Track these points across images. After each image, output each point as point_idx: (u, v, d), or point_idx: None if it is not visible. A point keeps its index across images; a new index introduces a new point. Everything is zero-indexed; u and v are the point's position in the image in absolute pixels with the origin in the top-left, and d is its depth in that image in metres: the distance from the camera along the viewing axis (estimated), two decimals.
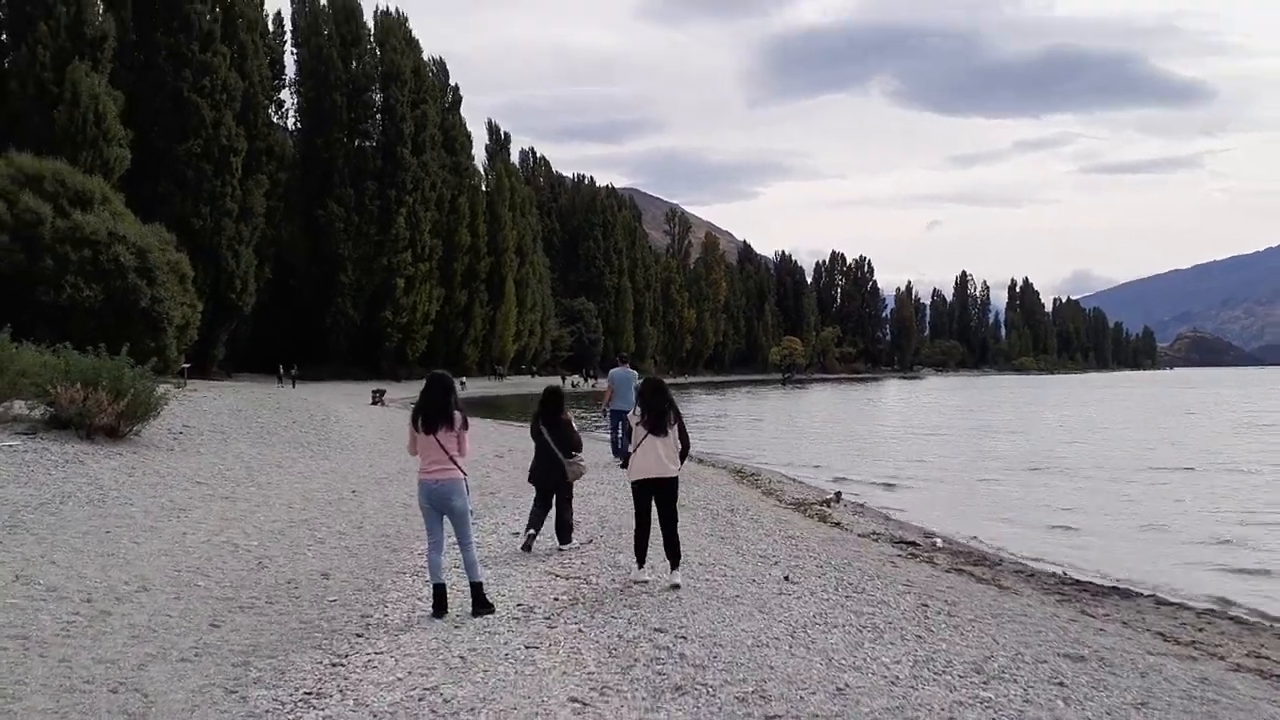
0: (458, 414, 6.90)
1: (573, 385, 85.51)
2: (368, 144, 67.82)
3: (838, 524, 13.01)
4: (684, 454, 8.17)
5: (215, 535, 8.27)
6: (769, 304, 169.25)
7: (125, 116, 45.70)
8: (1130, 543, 13.42)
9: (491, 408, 49.99)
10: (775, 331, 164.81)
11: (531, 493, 12.29)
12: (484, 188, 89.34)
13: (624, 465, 8.74)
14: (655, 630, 6.42)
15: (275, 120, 67.08)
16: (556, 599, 7.25)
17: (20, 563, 6.54)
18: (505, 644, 5.93)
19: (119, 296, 37.40)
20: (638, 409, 8.24)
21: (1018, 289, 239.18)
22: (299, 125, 69.33)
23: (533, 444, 9.42)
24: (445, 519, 6.85)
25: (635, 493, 8.10)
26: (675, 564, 7.82)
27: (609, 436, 16.89)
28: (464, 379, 75.76)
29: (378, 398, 41.42)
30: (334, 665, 5.30)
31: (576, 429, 9.69)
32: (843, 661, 5.91)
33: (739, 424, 41.91)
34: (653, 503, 7.97)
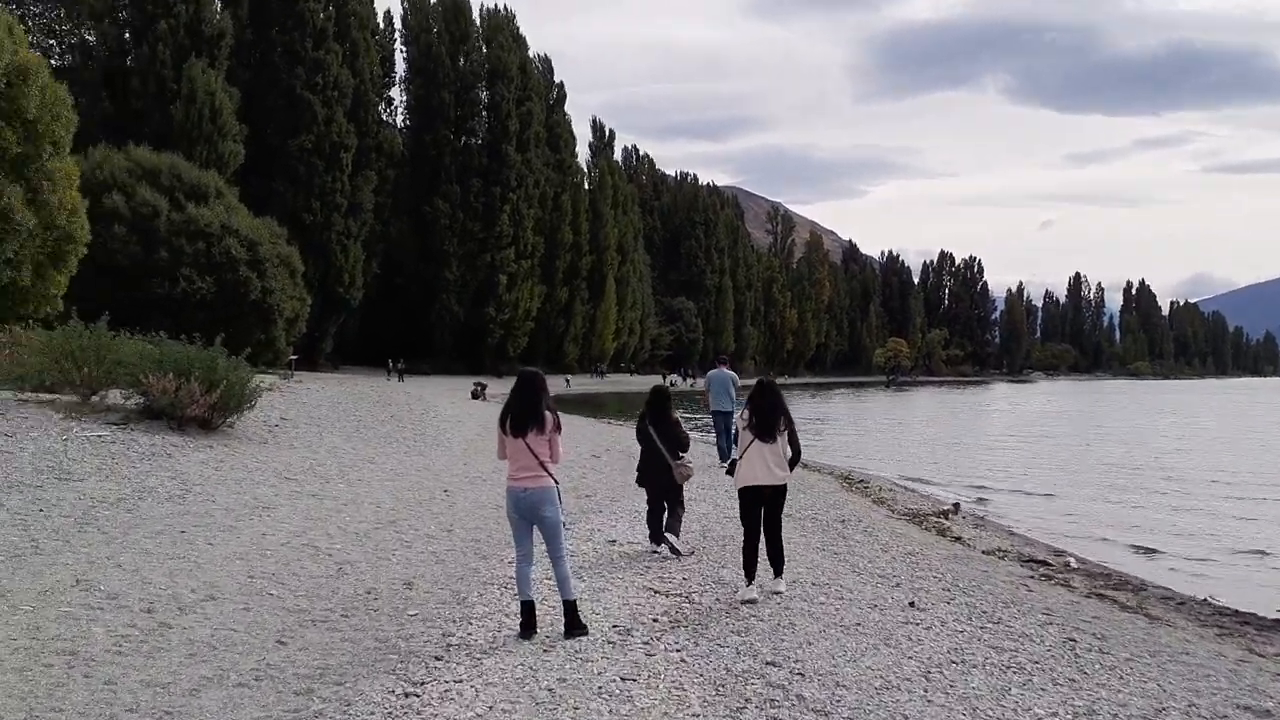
0: (549, 415, 6.24)
1: (671, 384, 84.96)
2: (474, 141, 68.47)
3: (958, 539, 11.98)
4: (794, 461, 7.66)
5: (296, 537, 7.83)
6: (874, 305, 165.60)
7: (240, 113, 46.97)
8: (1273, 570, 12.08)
9: (591, 406, 49.77)
10: (880, 333, 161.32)
11: (629, 499, 11.82)
12: (587, 185, 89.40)
13: (729, 471, 8.04)
14: (768, 664, 5.65)
15: (385, 117, 68.32)
16: (656, 620, 6.54)
17: (84, 565, 6.17)
18: (599, 674, 5.24)
19: (230, 288, 38.30)
20: (745, 412, 7.75)
21: (1134, 291, 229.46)
22: (408, 123, 70.44)
23: (631, 445, 8.88)
24: (535, 529, 6.22)
25: (742, 502, 7.62)
26: (779, 570, 7.58)
27: (716, 441, 16.41)
28: (568, 377, 75.94)
29: (478, 392, 41.48)
30: (407, 696, 4.70)
31: (685, 429, 9.20)
32: (989, 713, 5.03)
33: (842, 427, 40.63)
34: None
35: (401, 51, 69.57)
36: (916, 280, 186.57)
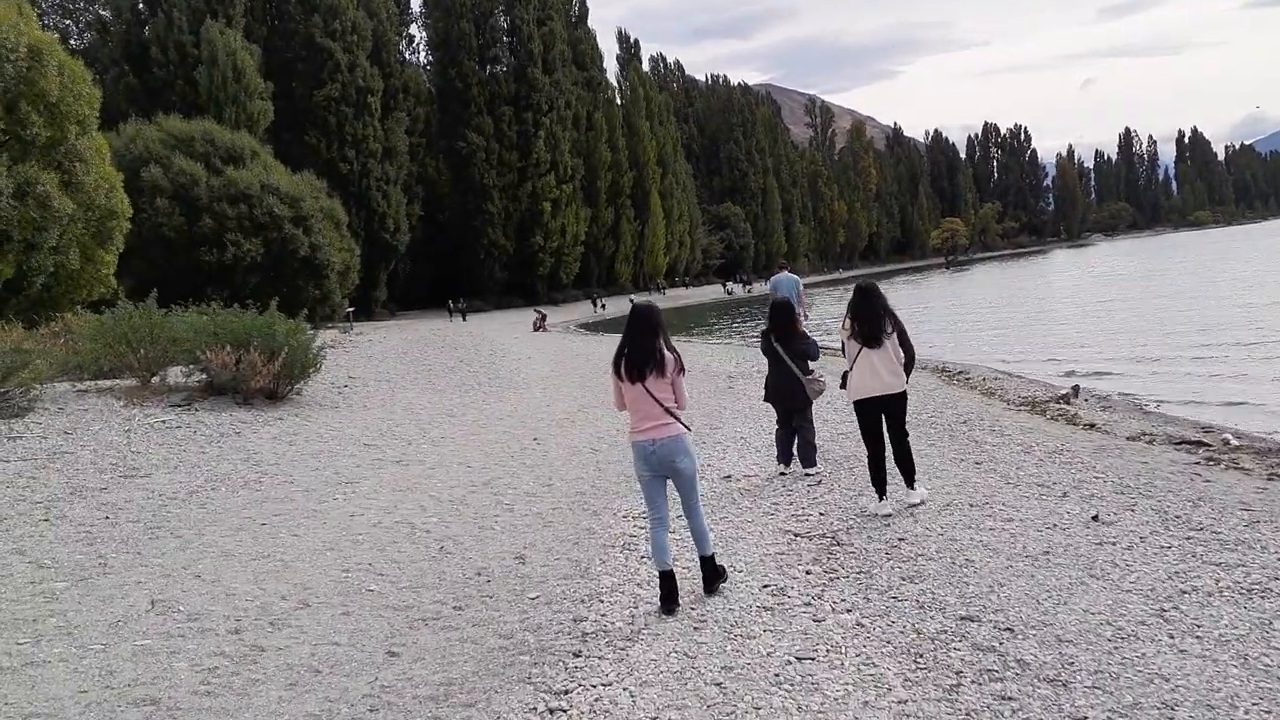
0: (669, 355, 5.33)
1: (728, 293, 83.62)
2: (499, 69, 66.59)
3: (1092, 425, 10.88)
4: (909, 365, 7.04)
5: (388, 514, 7.06)
6: (922, 187, 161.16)
7: (263, 69, 45.93)
8: None
9: None
10: (931, 215, 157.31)
11: (728, 425, 10.96)
12: (619, 100, 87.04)
13: (842, 385, 7.31)
14: (962, 618, 4.74)
15: (407, 56, 66.80)
16: (809, 571, 5.65)
17: (159, 579, 5.44)
18: (768, 655, 4.38)
19: (278, 248, 37.80)
20: (847, 320, 7.10)
21: (1186, 140, 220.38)
22: (430, 59, 68.77)
23: (709, 364, 8.12)
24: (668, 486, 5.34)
25: (860, 415, 7.06)
26: (910, 480, 7.09)
27: None
28: (632, 297, 74.80)
29: (539, 324, 40.84)
30: (552, 713, 3.88)
31: (811, 339, 8.60)
32: (1270, 664, 4.07)
33: (913, 316, 39.08)
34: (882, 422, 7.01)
35: None
36: (963, 156, 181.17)
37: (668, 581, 5.15)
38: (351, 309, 42.04)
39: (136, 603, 5.06)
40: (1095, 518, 6.45)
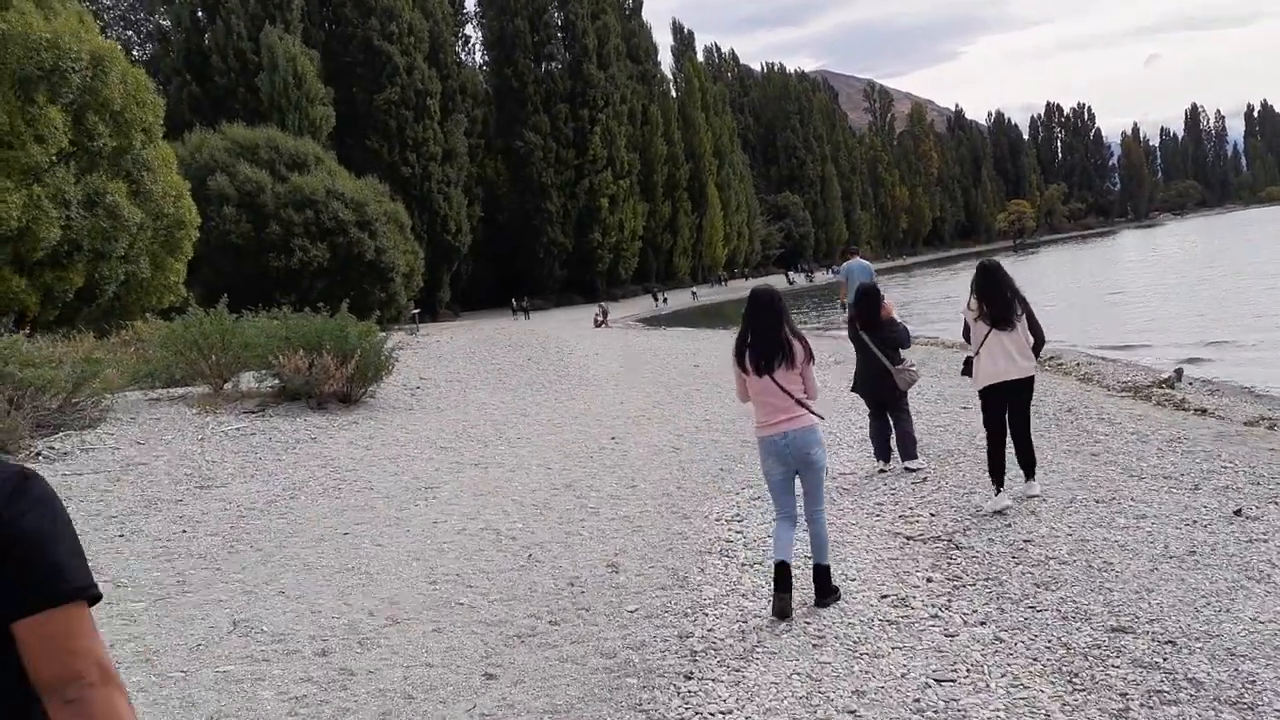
0: (797, 344, 4.97)
1: (790, 283, 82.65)
2: (555, 66, 66.51)
3: (1203, 410, 10.19)
4: (1039, 347, 6.65)
5: (471, 520, 6.76)
6: (985, 169, 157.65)
7: (323, 74, 46.37)
8: None
9: (713, 316, 48.31)
10: (996, 198, 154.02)
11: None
12: (673, 93, 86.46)
13: (965, 371, 6.99)
14: (1114, 630, 4.26)
15: (464, 56, 67.07)
16: (930, 579, 5.20)
17: (241, 598, 5.18)
18: (902, 677, 3.96)
19: (344, 252, 38.15)
20: (973, 300, 6.64)
21: (1255, 115, 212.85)
22: (486, 58, 68.99)
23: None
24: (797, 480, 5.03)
25: (986, 403, 6.64)
26: (1030, 472, 6.70)
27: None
28: (694, 289, 74.36)
29: (600, 319, 40.63)
30: None
31: (902, 324, 8.09)
32: None
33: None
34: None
35: None
36: (1026, 138, 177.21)
37: (783, 574, 4.76)
38: (417, 310, 42.31)
39: (218, 623, 4.81)
40: (1238, 512, 5.89)
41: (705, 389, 13.66)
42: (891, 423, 7.87)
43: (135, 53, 51.73)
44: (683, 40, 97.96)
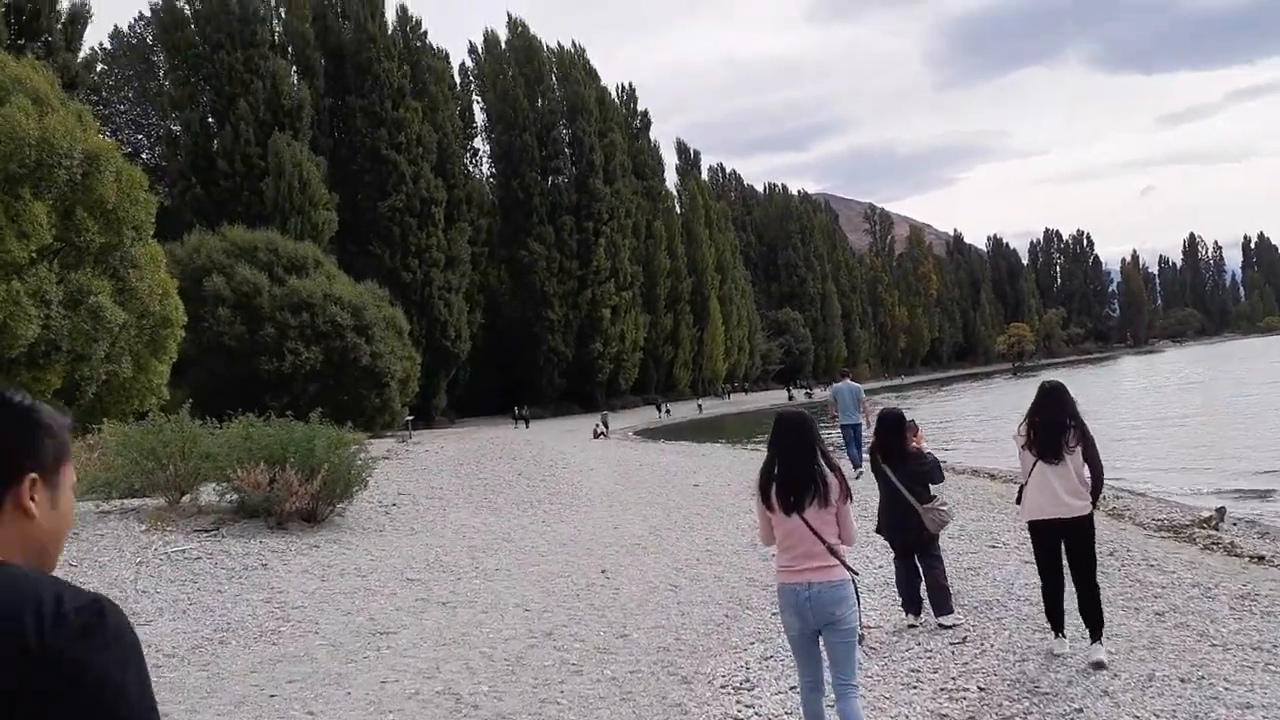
0: (832, 477, 4.19)
1: (789, 399, 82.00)
2: (561, 179, 67.40)
3: (1260, 558, 9.18)
4: (1097, 486, 5.80)
5: (427, 680, 5.65)
6: (984, 292, 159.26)
7: (329, 180, 46.68)
8: None
9: (712, 430, 47.34)
10: (994, 321, 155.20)
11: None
12: (678, 209, 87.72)
13: (1018, 500, 6.16)
14: None
15: (471, 168, 68.02)
16: None
17: None
18: None
19: (339, 356, 37.51)
20: (1023, 427, 5.87)
21: (1253, 245, 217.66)
22: (493, 170, 69.97)
23: None
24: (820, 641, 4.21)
25: (1034, 540, 6.02)
26: (1097, 633, 5.75)
27: (845, 453, 16.28)
28: (700, 402, 73.67)
29: (599, 431, 39.69)
30: None
31: (931, 456, 7.16)
32: None
33: (980, 424, 37.15)
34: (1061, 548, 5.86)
35: (478, 102, 69.35)
36: (1025, 263, 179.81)
37: None
38: (411, 417, 41.38)
39: None
40: None
41: (706, 512, 12.63)
42: (920, 570, 6.86)
43: (144, 156, 52.25)
44: (688, 159, 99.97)
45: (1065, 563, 5.87)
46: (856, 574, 4.35)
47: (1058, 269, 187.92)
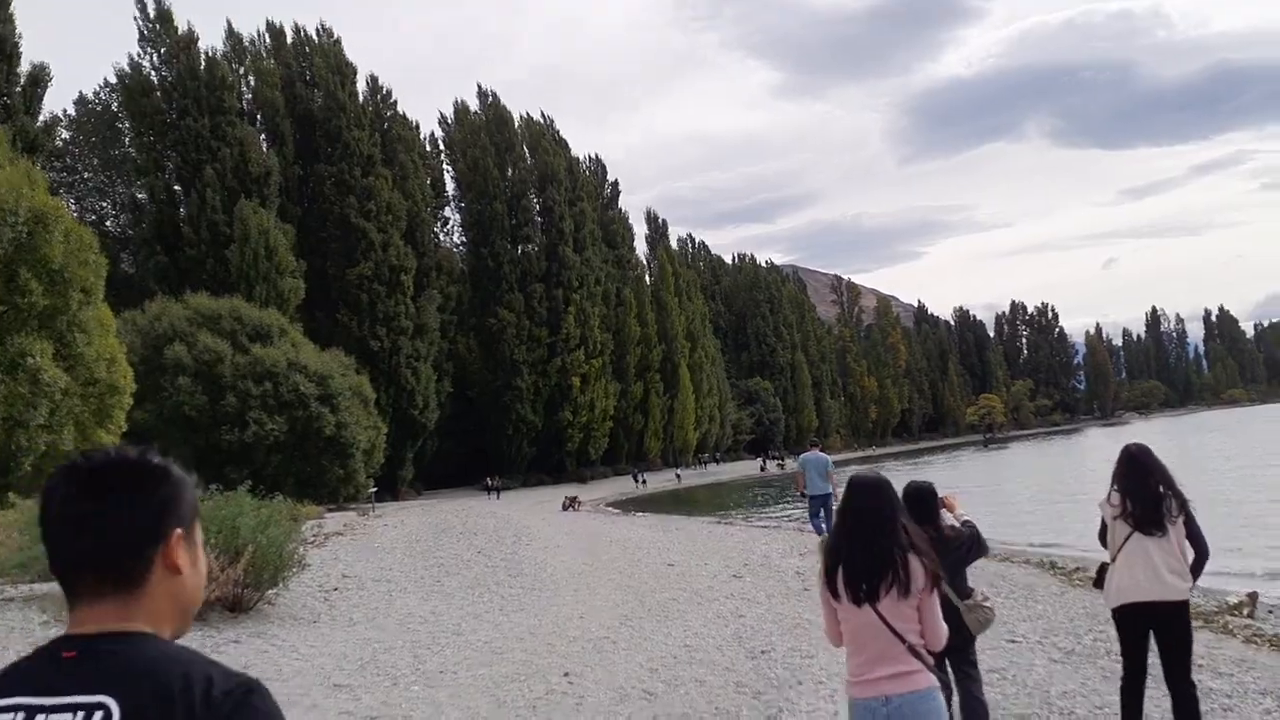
0: (915, 562, 3.44)
1: (761, 469, 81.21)
2: (531, 247, 67.25)
3: None
4: (1199, 564, 5.10)
5: None
6: (952, 364, 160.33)
7: (296, 248, 46.03)
8: None
9: (682, 502, 46.39)
10: (962, 392, 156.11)
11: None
12: (648, 277, 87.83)
13: (1096, 583, 5.54)
14: None
15: (441, 236, 67.75)
16: None
17: None
18: None
19: (302, 426, 36.43)
20: (1115, 495, 5.16)
21: (1213, 318, 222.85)
22: (464, 238, 69.78)
23: (771, 556, 6.00)
24: None
25: (1121, 628, 5.23)
26: None
27: (810, 523, 16.63)
28: (679, 471, 72.58)
29: (569, 504, 38.63)
30: None
31: (970, 531, 5.59)
32: None
33: (967, 497, 36.48)
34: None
35: (449, 170, 69.42)
36: (991, 334, 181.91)
37: None
38: (374, 489, 40.17)
39: None
40: None
41: (683, 598, 11.74)
42: (952, 680, 5.41)
43: (109, 224, 51.40)
44: (657, 229, 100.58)
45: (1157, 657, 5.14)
46: (944, 679, 3.56)
47: (1024, 340, 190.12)
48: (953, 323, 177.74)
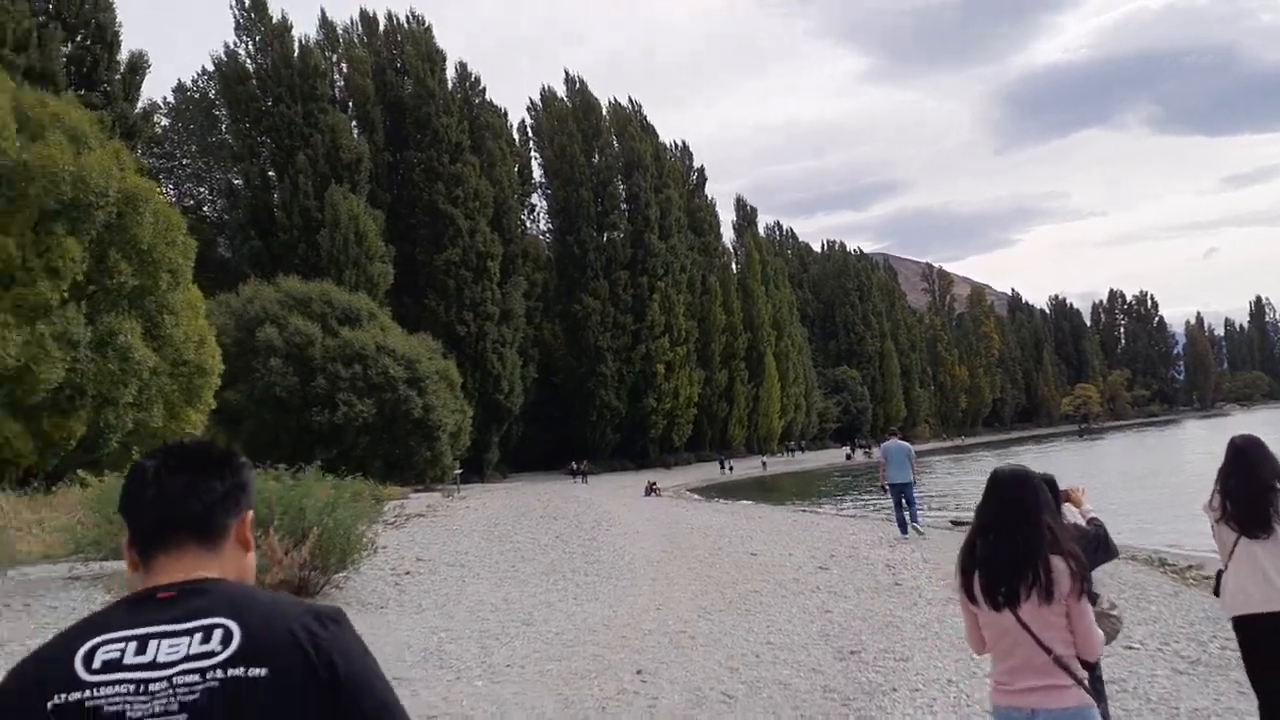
0: (1061, 563, 3.01)
1: (846, 457, 79.78)
2: (616, 234, 67.00)
3: None
4: None
5: None
6: (1047, 352, 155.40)
7: (385, 233, 46.58)
8: None
9: (768, 489, 45.62)
10: (1057, 382, 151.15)
11: (925, 656, 7.57)
12: (734, 265, 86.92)
13: (1215, 590, 4.78)
14: None
15: (527, 224, 68.05)
16: None
17: None
18: None
19: (390, 409, 36.87)
20: (1216, 494, 4.51)
21: None
22: (550, 225, 69.99)
23: (855, 540, 5.22)
24: None
25: (1243, 640, 4.54)
26: None
27: (894, 515, 16.38)
28: (764, 459, 71.90)
29: (651, 489, 38.31)
30: None
31: (1096, 529, 4.72)
32: None
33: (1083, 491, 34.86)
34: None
35: (535, 158, 69.63)
36: (1088, 323, 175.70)
37: None
38: (460, 471, 40.49)
39: None
40: None
41: (765, 590, 11.16)
42: None
43: (206, 209, 52.86)
44: (745, 215, 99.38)
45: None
46: (1100, 698, 3.17)
47: (1121, 330, 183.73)
48: (1048, 311, 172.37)
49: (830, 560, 13.42)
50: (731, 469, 61.88)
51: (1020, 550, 3.03)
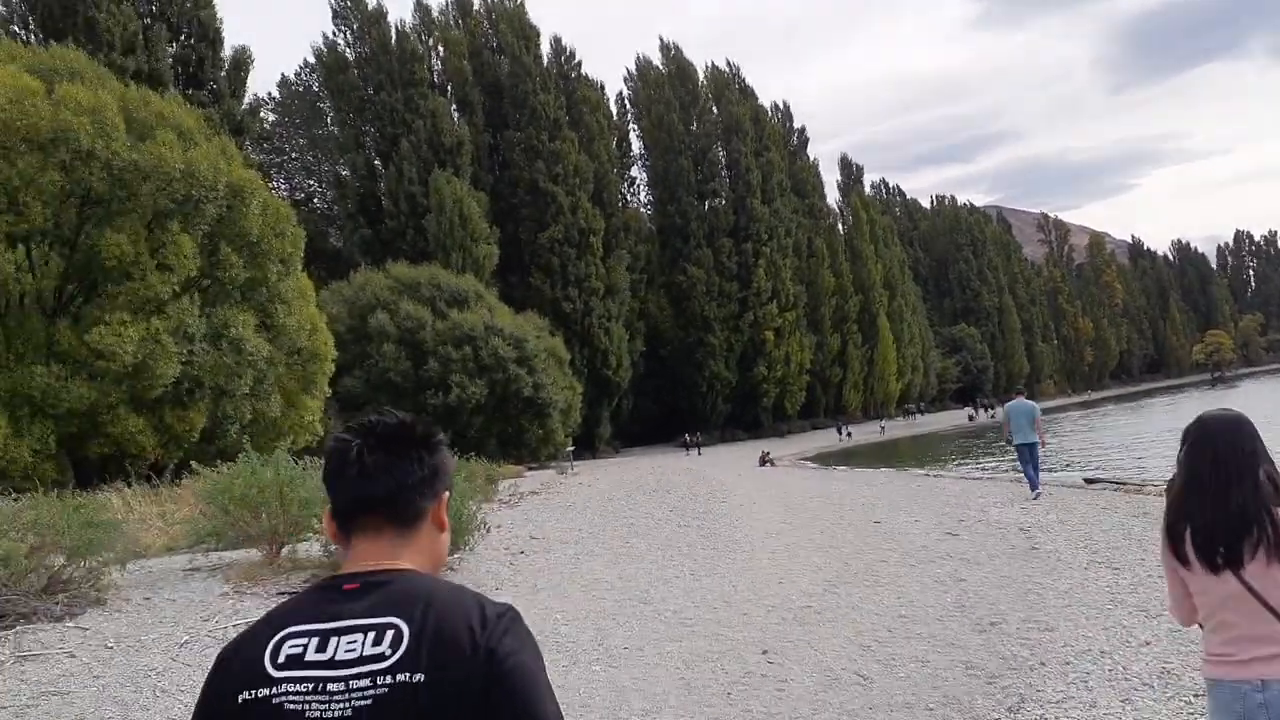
0: None
1: (969, 419, 77.29)
2: (718, 201, 66.03)
3: None
4: None
5: None
6: (1173, 300, 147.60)
7: (489, 214, 46.93)
8: None
9: (888, 454, 44.37)
10: (1185, 329, 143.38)
11: (1099, 626, 6.77)
12: (840, 226, 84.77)
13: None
14: None
15: (628, 196, 67.67)
16: None
17: None
18: None
19: (501, 388, 37.25)
20: None
21: None
22: (650, 196, 69.45)
23: (985, 504, 4.63)
24: None
25: None
26: None
27: (1024, 471, 16.00)
28: (883, 423, 70.38)
29: (765, 459, 37.66)
30: None
31: None
32: None
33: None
34: None
35: (634, 129, 69.05)
36: (1214, 267, 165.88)
37: None
38: (572, 448, 40.68)
39: None
40: None
41: (893, 559, 10.55)
42: None
43: (316, 201, 54.26)
44: (850, 175, 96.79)
45: None
46: None
47: (1250, 272, 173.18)
48: (1172, 257, 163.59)
49: (959, 525, 12.67)
50: (850, 435, 60.64)
51: (1241, 504, 2.59)
